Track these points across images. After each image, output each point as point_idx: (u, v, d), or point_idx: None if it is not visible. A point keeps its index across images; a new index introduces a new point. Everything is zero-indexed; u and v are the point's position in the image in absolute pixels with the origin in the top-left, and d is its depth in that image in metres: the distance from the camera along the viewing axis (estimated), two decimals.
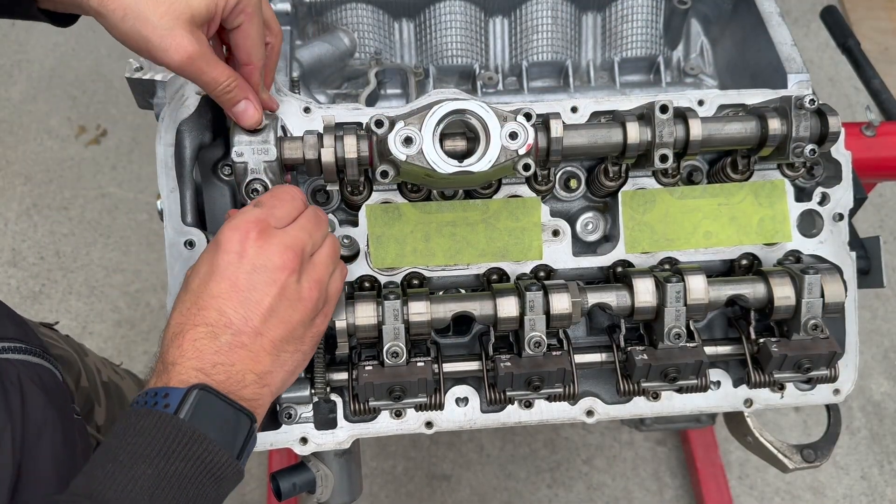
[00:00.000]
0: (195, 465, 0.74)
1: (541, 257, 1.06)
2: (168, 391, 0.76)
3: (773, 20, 1.20)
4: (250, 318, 0.80)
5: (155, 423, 0.74)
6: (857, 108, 2.88)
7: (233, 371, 0.79)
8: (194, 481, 0.74)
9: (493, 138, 0.88)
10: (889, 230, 2.66)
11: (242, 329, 0.80)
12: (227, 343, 0.79)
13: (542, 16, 1.35)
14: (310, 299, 0.85)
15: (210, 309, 0.80)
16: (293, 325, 0.83)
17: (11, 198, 2.68)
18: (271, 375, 0.82)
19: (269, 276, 0.82)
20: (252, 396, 0.81)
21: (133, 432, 0.74)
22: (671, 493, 2.22)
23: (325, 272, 0.88)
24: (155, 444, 0.73)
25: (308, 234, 0.87)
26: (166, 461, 0.72)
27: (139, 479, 0.71)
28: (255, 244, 0.82)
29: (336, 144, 0.96)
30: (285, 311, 0.83)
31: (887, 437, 2.31)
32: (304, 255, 0.85)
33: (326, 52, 1.30)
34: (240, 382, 0.79)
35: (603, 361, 1.05)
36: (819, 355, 1.01)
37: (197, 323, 0.80)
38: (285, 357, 0.84)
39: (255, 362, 0.81)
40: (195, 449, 0.74)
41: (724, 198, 1.08)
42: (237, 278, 0.81)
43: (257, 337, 0.81)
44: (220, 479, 0.76)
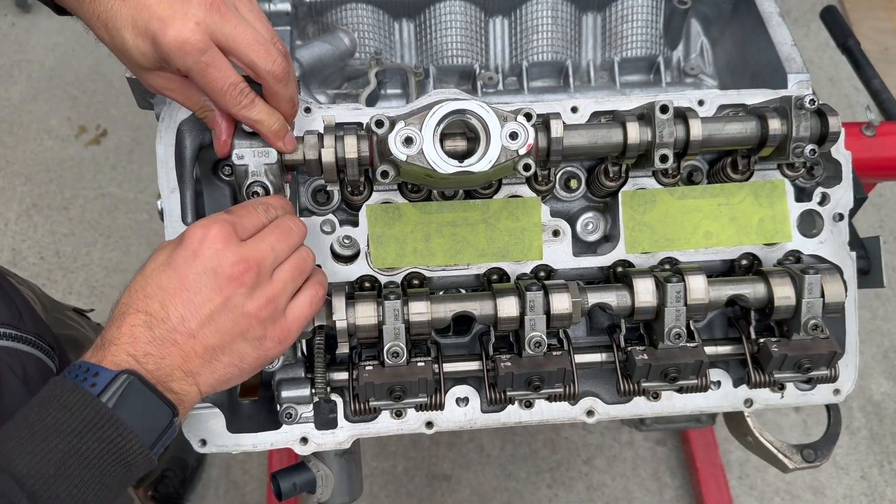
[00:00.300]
0: (107, 448, 0.75)
1: (541, 257, 1.06)
2: (98, 370, 0.78)
3: (773, 20, 1.20)
4: (188, 319, 0.81)
5: (77, 401, 0.76)
6: (857, 108, 2.88)
7: (162, 364, 0.80)
8: (102, 462, 0.75)
9: (494, 138, 0.88)
10: (889, 230, 2.66)
11: (178, 327, 0.81)
12: (160, 336, 0.80)
13: (542, 16, 1.35)
14: (256, 317, 0.84)
15: (154, 299, 0.81)
16: (231, 338, 0.83)
17: (11, 198, 2.68)
18: (201, 377, 0.83)
19: (217, 282, 0.82)
20: (179, 390, 0.81)
21: (55, 405, 0.76)
22: (671, 493, 2.22)
23: (282, 291, 0.87)
24: (72, 421, 0.74)
25: (270, 247, 0.86)
26: (79, 439, 0.74)
27: (49, 452, 0.73)
28: (213, 247, 0.82)
29: (336, 144, 0.96)
30: (225, 321, 0.82)
31: (887, 437, 2.31)
32: (260, 269, 0.84)
33: (326, 52, 1.30)
34: (168, 376, 0.80)
35: (603, 361, 1.05)
36: (819, 355, 1.01)
37: (139, 309, 0.81)
38: (217, 366, 0.83)
39: (185, 361, 0.81)
40: (109, 432, 0.75)
41: (724, 198, 1.08)
42: (186, 276, 0.82)
43: (190, 339, 0.81)
44: (130, 464, 0.77)
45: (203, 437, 1.02)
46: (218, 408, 1.02)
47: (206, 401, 1.03)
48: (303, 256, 0.91)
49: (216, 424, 1.02)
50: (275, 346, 0.87)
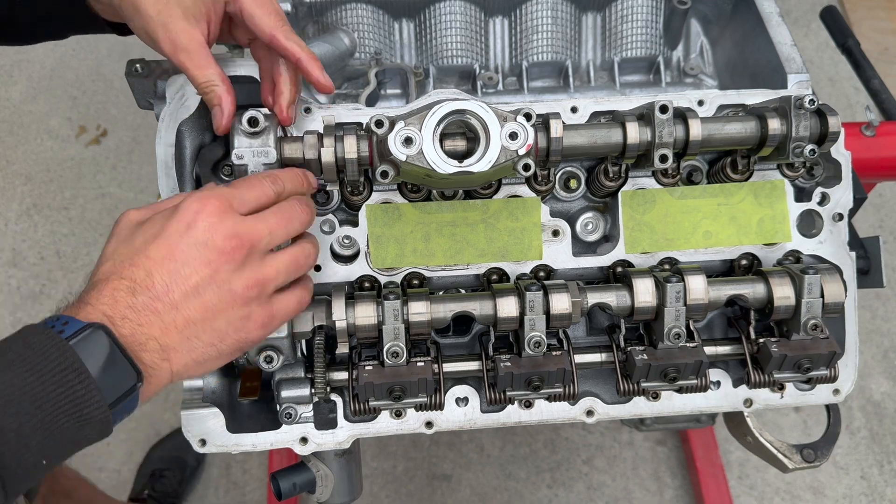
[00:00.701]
0: (63, 392, 0.71)
1: (541, 257, 1.06)
2: (68, 319, 0.75)
3: (772, 20, 1.20)
4: (172, 288, 0.79)
5: (42, 340, 0.73)
6: (857, 108, 2.88)
7: (139, 331, 0.77)
8: (55, 408, 0.71)
9: (493, 138, 0.88)
10: (889, 230, 2.66)
11: (160, 296, 0.78)
12: (141, 303, 0.78)
13: (542, 16, 1.35)
14: (242, 296, 0.82)
15: (140, 268, 0.79)
16: (214, 314, 0.81)
17: (11, 198, 2.68)
18: (176, 353, 0.80)
19: (206, 255, 0.80)
20: (150, 363, 0.78)
21: (21, 342, 0.73)
22: (671, 493, 2.22)
23: (272, 276, 0.85)
24: (33, 359, 0.71)
25: (268, 229, 0.85)
26: (36, 377, 0.70)
27: (4, 383, 0.70)
28: (207, 220, 0.81)
29: (336, 144, 0.96)
30: (210, 296, 0.80)
31: (887, 437, 2.31)
32: (252, 248, 0.83)
33: (326, 52, 1.30)
34: (142, 345, 0.78)
35: (603, 361, 1.05)
36: (819, 355, 1.01)
37: (123, 276, 0.79)
38: (196, 344, 0.81)
39: (163, 333, 0.79)
40: (69, 377, 0.72)
41: (723, 198, 1.08)
42: (176, 247, 0.80)
43: (172, 309, 0.79)
44: (84, 419, 0.73)
45: (203, 436, 1.02)
46: (218, 408, 1.03)
47: (206, 400, 1.03)
48: (305, 252, 0.90)
49: (216, 424, 1.02)
50: (256, 329, 0.85)
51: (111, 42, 3.03)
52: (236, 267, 0.82)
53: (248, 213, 0.85)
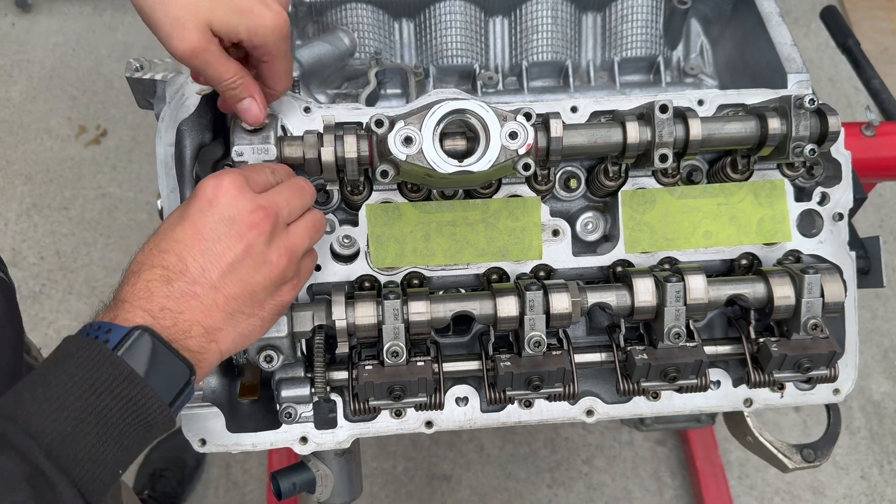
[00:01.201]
0: (125, 406, 0.72)
1: (541, 257, 1.06)
2: (111, 327, 0.74)
3: (772, 20, 1.20)
4: (208, 269, 0.78)
5: (93, 356, 0.72)
6: (857, 108, 2.88)
7: (180, 319, 0.77)
8: (121, 421, 0.72)
9: (493, 138, 0.88)
10: (889, 230, 2.66)
11: (198, 279, 0.78)
12: (179, 290, 0.77)
13: (542, 16, 1.35)
14: (277, 265, 0.83)
15: (170, 252, 0.78)
16: (253, 287, 0.81)
17: (11, 198, 2.68)
18: (221, 332, 0.80)
19: (237, 230, 0.80)
20: (197, 349, 0.78)
21: (71, 361, 0.73)
22: (671, 493, 2.22)
23: (300, 243, 0.87)
24: (88, 378, 0.71)
25: (286, 199, 0.86)
26: (97, 396, 0.71)
27: (66, 409, 0.70)
28: (228, 193, 0.81)
29: (336, 144, 0.96)
30: (247, 270, 0.81)
31: (887, 437, 2.31)
32: (277, 218, 0.84)
33: (326, 52, 1.30)
34: (186, 332, 0.77)
35: (603, 361, 1.05)
36: (819, 355, 1.01)
37: (154, 264, 0.78)
38: (240, 318, 0.81)
39: (206, 315, 0.78)
40: (128, 390, 0.72)
41: (723, 197, 1.08)
42: (203, 226, 0.79)
43: (212, 290, 0.79)
44: (150, 424, 0.74)
45: (202, 436, 1.02)
46: (217, 407, 1.02)
47: (206, 400, 1.03)
48: (318, 217, 0.91)
49: (216, 424, 1.02)
50: (289, 292, 0.87)
51: (111, 42, 3.03)
52: (267, 238, 0.82)
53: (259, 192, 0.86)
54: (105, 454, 0.71)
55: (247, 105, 0.92)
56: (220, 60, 0.86)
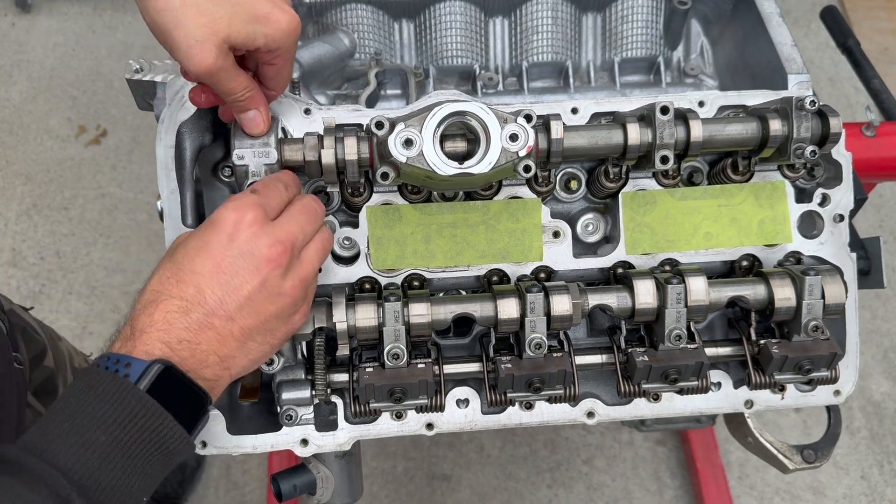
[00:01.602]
0: (149, 437, 0.75)
1: (541, 259, 1.06)
2: (130, 360, 0.77)
3: (773, 20, 1.20)
4: (226, 301, 0.81)
5: (116, 390, 0.75)
6: (857, 108, 2.88)
7: (197, 350, 0.79)
8: (145, 452, 0.75)
9: (494, 140, 0.88)
10: (889, 230, 2.66)
11: (215, 311, 0.80)
12: (196, 321, 0.79)
13: (542, 16, 1.35)
14: (290, 296, 0.85)
15: (189, 284, 0.80)
16: (266, 318, 0.84)
17: (11, 198, 2.68)
18: (234, 360, 0.83)
19: (254, 264, 0.82)
20: (211, 377, 0.81)
21: (93, 394, 0.75)
22: (671, 493, 2.22)
23: (312, 271, 0.89)
24: (113, 412, 0.74)
25: (300, 227, 0.87)
26: (122, 430, 0.73)
27: (92, 444, 0.72)
28: (249, 230, 0.83)
29: (336, 146, 0.96)
30: (262, 302, 0.83)
31: (887, 438, 2.31)
32: (293, 250, 0.85)
33: (326, 52, 1.30)
34: (202, 362, 0.80)
35: (603, 363, 1.05)
36: (819, 356, 1.01)
37: (173, 295, 0.80)
38: (252, 346, 0.84)
39: (221, 345, 0.81)
40: (151, 422, 0.75)
41: (724, 199, 1.08)
42: (223, 260, 0.81)
43: (228, 322, 0.81)
44: (172, 452, 0.77)
45: (203, 438, 1.02)
46: (218, 409, 1.02)
47: None
48: (326, 237, 0.93)
49: (216, 426, 1.02)
50: (300, 318, 0.90)
51: (111, 42, 3.02)
52: (283, 271, 0.84)
53: (276, 217, 0.87)
54: (131, 484, 0.74)
55: (252, 116, 0.93)
56: (233, 75, 0.87)
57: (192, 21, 0.81)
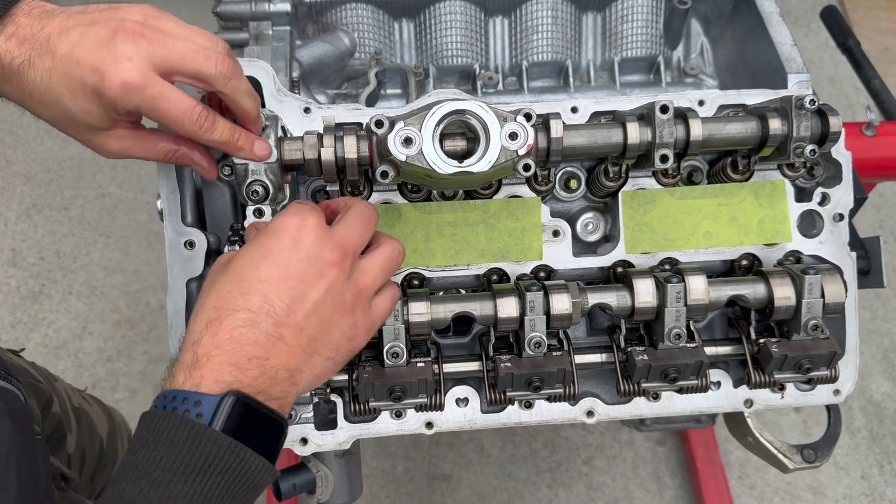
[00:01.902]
0: (233, 477, 0.71)
1: (541, 258, 1.06)
2: (200, 398, 0.71)
3: (773, 20, 1.20)
4: (294, 309, 0.77)
5: (189, 435, 0.70)
6: (857, 108, 2.88)
7: (267, 366, 0.75)
8: (230, 490, 0.71)
9: (493, 139, 0.88)
10: (889, 230, 2.66)
11: (284, 320, 0.76)
12: (265, 333, 0.75)
13: (542, 16, 1.35)
14: (351, 305, 0.81)
15: (255, 294, 0.76)
16: (332, 328, 0.80)
17: (11, 198, 2.68)
18: (301, 374, 0.78)
19: (319, 269, 0.78)
20: (281, 395, 0.77)
21: (166, 443, 0.70)
22: (671, 493, 2.22)
23: (372, 281, 0.85)
24: (191, 459, 0.69)
25: (359, 234, 0.85)
26: (203, 476, 0.69)
27: (175, 497, 0.68)
28: (313, 233, 0.80)
29: (336, 145, 0.96)
30: (328, 310, 0.79)
31: (887, 438, 2.31)
32: (354, 255, 0.83)
33: (326, 52, 1.30)
34: (272, 379, 0.75)
35: (603, 362, 1.05)
36: (819, 356, 1.01)
37: (237, 308, 0.75)
38: (317, 360, 0.80)
39: (290, 358, 0.76)
40: (232, 461, 0.71)
41: (724, 198, 1.08)
42: (290, 265, 0.77)
43: (297, 332, 0.77)
44: (256, 484, 0.73)
45: None
46: None
47: None
48: (397, 250, 0.89)
49: None
50: (363, 336, 0.85)
51: None
52: (346, 277, 0.81)
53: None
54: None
55: (195, 168, 0.96)
56: (145, 152, 0.91)
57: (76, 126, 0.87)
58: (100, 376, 2.36)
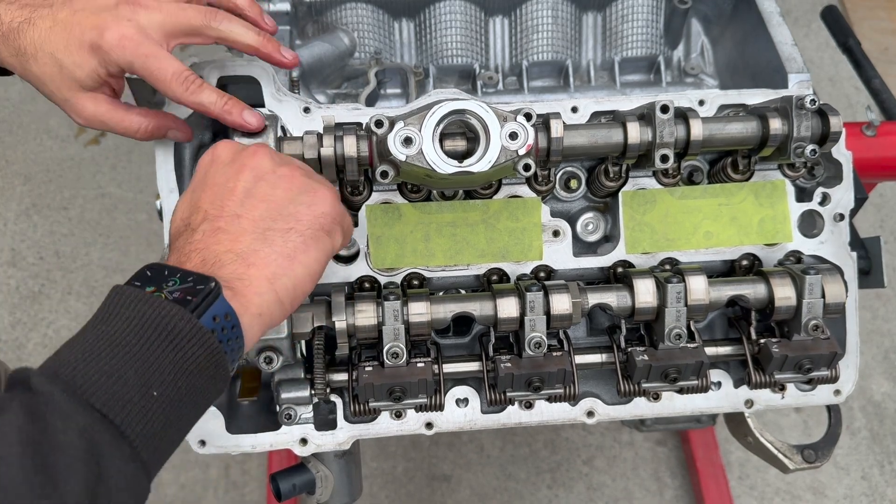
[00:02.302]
0: (138, 320, 0.69)
1: (541, 258, 1.06)
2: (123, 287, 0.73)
3: (773, 20, 1.20)
4: (226, 205, 0.80)
5: (110, 298, 0.71)
6: (858, 108, 2.88)
7: (208, 254, 0.76)
8: (140, 339, 0.68)
9: (493, 138, 0.88)
10: (889, 230, 2.66)
11: (220, 215, 0.79)
12: (204, 233, 0.78)
13: (542, 15, 1.35)
14: (291, 175, 0.83)
15: (191, 213, 0.81)
16: (275, 201, 0.81)
17: (11, 198, 2.68)
18: (257, 254, 0.77)
19: (240, 162, 0.83)
20: (234, 275, 0.75)
21: (95, 316, 0.71)
22: (671, 494, 2.22)
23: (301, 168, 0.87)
24: (104, 311, 0.70)
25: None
26: (107, 322, 0.69)
27: (79, 343, 0.68)
28: (227, 148, 0.86)
29: (336, 144, 0.96)
30: (263, 189, 0.81)
31: (888, 438, 2.31)
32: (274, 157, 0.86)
33: (326, 51, 1.30)
34: (216, 263, 0.76)
35: (603, 362, 1.05)
36: (820, 356, 1.01)
37: (181, 231, 0.81)
38: (274, 236, 0.79)
39: (234, 242, 0.77)
40: (137, 308, 0.69)
41: (724, 198, 1.08)
42: (211, 178, 0.83)
43: (235, 219, 0.79)
44: (172, 333, 0.69)
45: (202, 437, 1.02)
46: (217, 408, 1.02)
47: None
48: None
49: (215, 425, 1.02)
50: (326, 199, 0.83)
51: None
52: (271, 162, 0.84)
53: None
54: (127, 372, 0.67)
55: (172, 136, 1.00)
56: (120, 117, 0.95)
57: (53, 86, 0.90)
58: None
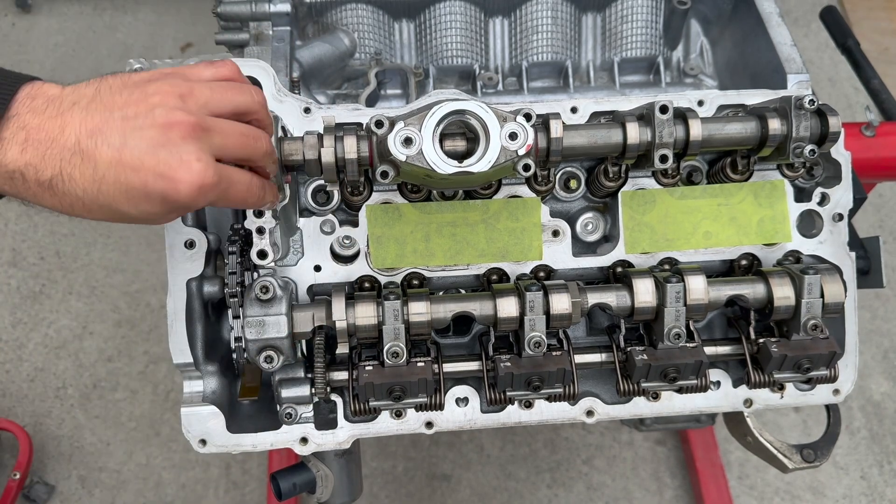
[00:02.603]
0: None
1: (541, 257, 1.06)
2: None
3: (772, 20, 1.20)
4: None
5: None
6: (857, 108, 2.88)
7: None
8: None
9: (493, 139, 0.88)
10: (888, 230, 2.66)
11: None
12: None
13: (542, 16, 1.35)
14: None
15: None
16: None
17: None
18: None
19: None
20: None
21: None
22: (671, 493, 2.22)
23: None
24: None
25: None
26: None
27: None
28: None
29: (336, 145, 0.96)
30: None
31: (887, 438, 2.31)
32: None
33: (326, 52, 1.31)
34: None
35: (603, 361, 1.05)
36: (819, 355, 1.01)
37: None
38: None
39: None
40: None
41: (723, 198, 1.08)
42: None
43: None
44: None
45: (203, 437, 1.02)
46: (218, 408, 1.02)
47: (206, 401, 1.03)
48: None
49: (216, 425, 1.02)
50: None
51: (111, 42, 3.03)
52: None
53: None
54: None
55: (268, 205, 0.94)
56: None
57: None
58: (100, 376, 2.36)
